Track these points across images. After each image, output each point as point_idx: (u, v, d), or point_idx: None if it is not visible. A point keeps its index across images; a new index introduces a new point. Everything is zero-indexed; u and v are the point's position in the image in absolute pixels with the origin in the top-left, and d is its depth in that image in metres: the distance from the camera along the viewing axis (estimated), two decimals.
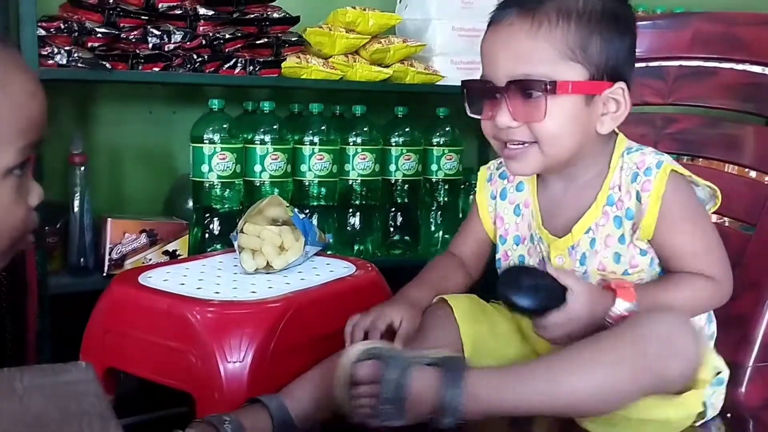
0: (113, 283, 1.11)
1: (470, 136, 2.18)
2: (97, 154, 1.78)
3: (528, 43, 0.85)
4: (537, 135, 0.87)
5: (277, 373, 0.99)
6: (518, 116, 0.87)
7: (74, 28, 1.48)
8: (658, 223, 0.88)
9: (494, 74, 0.88)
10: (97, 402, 0.43)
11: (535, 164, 0.90)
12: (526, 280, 0.88)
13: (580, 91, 0.86)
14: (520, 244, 1.01)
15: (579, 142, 0.89)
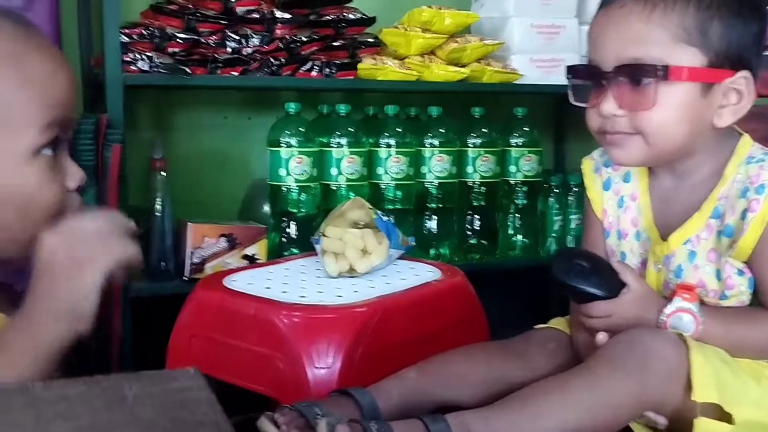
0: (198, 287, 1.10)
1: (549, 136, 2.12)
2: (176, 160, 1.80)
3: (640, 26, 0.80)
4: (642, 126, 0.82)
5: (364, 378, 0.96)
6: (624, 104, 0.82)
7: (155, 34, 1.49)
8: (756, 248, 0.81)
9: (602, 58, 0.83)
10: (211, 412, 0.40)
11: (638, 155, 0.85)
12: (583, 263, 0.86)
13: (696, 78, 0.80)
14: (623, 240, 0.95)
15: (689, 135, 0.83)
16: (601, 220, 0.98)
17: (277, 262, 1.25)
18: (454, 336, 1.06)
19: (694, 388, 0.76)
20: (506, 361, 0.92)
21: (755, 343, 0.83)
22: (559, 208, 1.89)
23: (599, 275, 0.86)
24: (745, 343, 0.82)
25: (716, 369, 0.78)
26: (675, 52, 0.80)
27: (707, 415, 0.77)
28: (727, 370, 0.79)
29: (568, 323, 0.99)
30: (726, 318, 0.84)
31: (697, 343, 0.79)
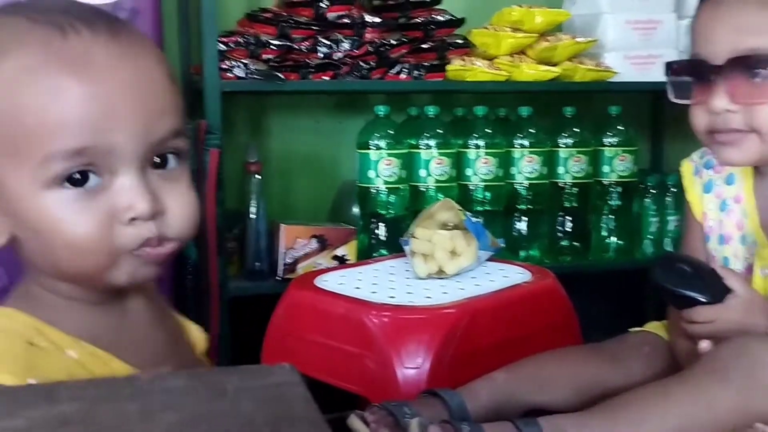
0: (291, 287, 1.13)
1: (646, 135, 2.05)
2: (270, 163, 1.85)
3: (757, 14, 0.77)
4: (759, 122, 0.78)
5: (453, 379, 0.96)
6: (739, 98, 0.78)
7: (251, 41, 1.54)
8: None
9: (711, 52, 0.79)
10: (306, 407, 0.42)
11: (753, 154, 0.81)
12: (685, 268, 0.83)
13: None
14: (725, 245, 0.91)
15: None
16: (701, 223, 0.94)
17: (366, 263, 1.27)
18: (545, 339, 1.04)
19: None
20: (599, 364, 0.90)
21: None
22: (656, 209, 1.82)
23: (702, 280, 0.83)
24: None
25: None
26: None
27: None
28: None
29: (666, 327, 0.95)
30: None
31: None
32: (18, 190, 0.56)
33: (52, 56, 0.55)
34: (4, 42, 0.56)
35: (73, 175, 0.55)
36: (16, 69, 0.55)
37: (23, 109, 0.55)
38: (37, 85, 0.55)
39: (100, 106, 0.55)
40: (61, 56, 0.55)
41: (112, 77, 0.56)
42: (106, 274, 0.57)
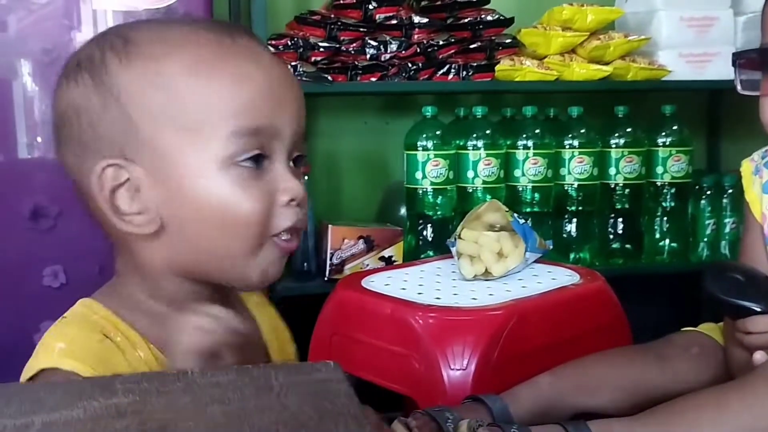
0: (338, 287, 1.14)
1: (699, 135, 2.00)
2: (319, 164, 1.87)
3: None
4: None
5: (499, 381, 0.95)
6: None
7: (299, 44, 1.56)
8: None
9: None
10: (349, 402, 0.42)
11: None
12: (737, 276, 0.82)
13: None
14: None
15: None
16: (760, 224, 0.92)
17: (413, 264, 1.27)
18: (594, 342, 1.02)
19: None
20: (646, 364, 0.88)
21: None
22: (712, 211, 1.77)
23: (756, 288, 0.81)
24: None
25: None
26: None
27: None
28: None
29: (721, 330, 0.93)
30: None
31: None
32: (195, 169, 0.59)
33: (228, 50, 0.61)
34: (177, 39, 0.62)
35: (247, 155, 0.60)
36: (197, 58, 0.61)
37: (209, 91, 0.60)
38: (222, 71, 0.60)
39: (273, 92, 0.61)
40: (236, 51, 0.62)
41: (277, 71, 0.63)
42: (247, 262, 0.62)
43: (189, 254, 0.62)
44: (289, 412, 0.42)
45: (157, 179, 0.60)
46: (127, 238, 0.62)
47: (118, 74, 0.60)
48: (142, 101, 0.60)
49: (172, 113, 0.60)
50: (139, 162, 0.60)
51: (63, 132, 0.63)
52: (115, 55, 0.61)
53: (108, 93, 0.60)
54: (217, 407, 0.42)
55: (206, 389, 0.45)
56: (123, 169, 0.60)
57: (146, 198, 0.60)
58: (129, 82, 0.60)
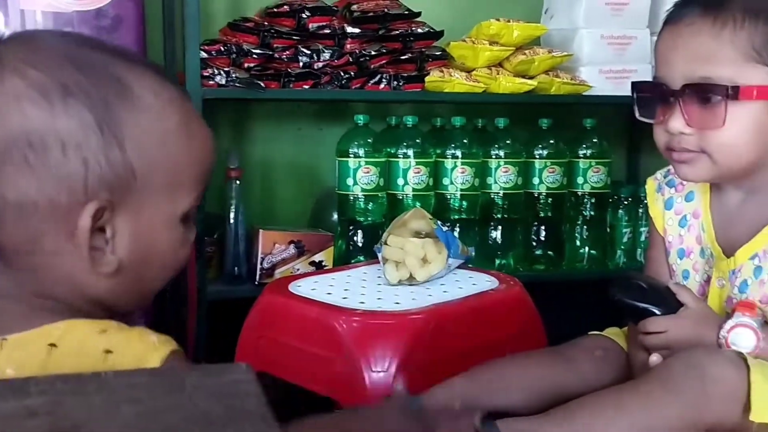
0: (265, 291, 1.16)
1: (619, 147, 2.09)
2: (252, 169, 1.88)
3: (710, 44, 0.80)
4: (710, 144, 0.82)
5: (419, 384, 0.99)
6: (693, 122, 0.82)
7: (232, 50, 1.58)
8: None
9: (669, 76, 0.83)
10: (258, 402, 0.45)
11: (705, 173, 0.85)
12: (641, 284, 0.88)
13: (766, 96, 0.80)
14: (684, 258, 0.95)
15: (757, 153, 0.83)
16: (663, 237, 0.98)
17: (340, 269, 1.30)
18: (511, 345, 1.07)
19: (752, 409, 0.76)
20: (555, 367, 0.94)
21: None
22: (629, 220, 1.86)
23: (657, 295, 0.88)
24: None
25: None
26: (745, 70, 0.80)
27: None
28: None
29: (624, 335, 0.99)
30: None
31: (757, 361, 0.79)
32: (162, 222, 0.66)
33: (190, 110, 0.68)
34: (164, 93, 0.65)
35: (192, 211, 0.68)
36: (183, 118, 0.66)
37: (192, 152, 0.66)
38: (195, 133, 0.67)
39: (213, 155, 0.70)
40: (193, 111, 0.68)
41: None
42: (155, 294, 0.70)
43: (125, 289, 0.66)
44: (199, 410, 0.44)
45: (134, 226, 0.64)
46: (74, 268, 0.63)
47: (126, 123, 0.62)
48: (147, 154, 0.63)
49: (165, 170, 0.64)
50: (124, 208, 0.63)
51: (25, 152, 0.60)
52: (121, 102, 0.62)
53: (113, 137, 0.61)
54: (130, 407, 0.44)
55: (120, 390, 0.47)
56: (109, 211, 0.62)
57: (119, 241, 0.64)
58: (136, 134, 0.62)
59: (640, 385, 0.81)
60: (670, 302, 0.87)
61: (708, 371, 0.77)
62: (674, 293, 0.87)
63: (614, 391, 0.81)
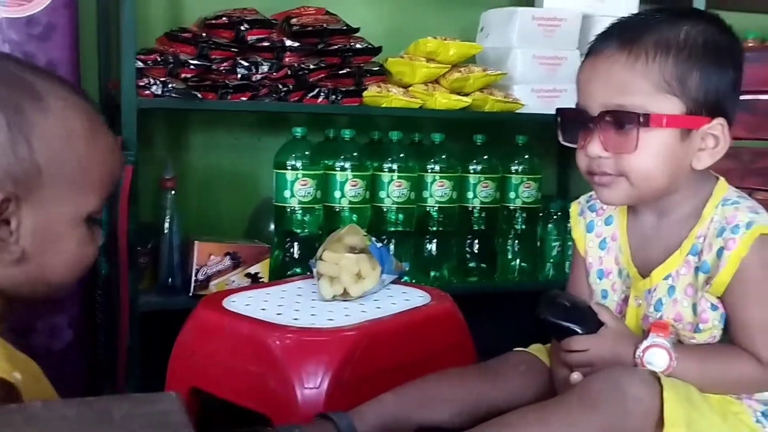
0: (199, 306, 1.16)
1: (549, 164, 2.16)
2: (187, 179, 1.87)
3: (624, 75, 0.86)
4: (626, 168, 0.87)
5: (351, 400, 1.00)
6: (609, 147, 0.87)
7: (169, 60, 1.57)
8: (730, 284, 0.86)
9: (589, 103, 0.88)
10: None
11: (624, 196, 0.90)
12: (565, 303, 0.92)
13: (675, 125, 0.86)
14: (604, 279, 1.00)
15: (670, 176, 0.88)
16: (584, 258, 1.03)
17: (275, 284, 1.31)
18: (442, 361, 1.10)
19: (665, 425, 0.80)
20: (482, 382, 0.97)
21: (725, 378, 0.87)
22: (558, 234, 1.93)
23: (579, 314, 0.92)
24: (716, 379, 0.87)
25: (686, 406, 0.82)
26: (656, 100, 0.85)
27: None
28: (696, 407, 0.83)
29: (547, 351, 1.03)
30: (698, 354, 0.88)
31: (670, 380, 0.84)
32: (68, 219, 0.73)
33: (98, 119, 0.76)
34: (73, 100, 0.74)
35: (99, 213, 0.75)
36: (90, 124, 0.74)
37: (98, 157, 0.74)
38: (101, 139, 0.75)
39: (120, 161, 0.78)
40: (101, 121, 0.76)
41: None
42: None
43: (28, 278, 0.72)
44: None
45: (38, 220, 0.70)
46: None
47: (37, 123, 0.69)
48: (53, 154, 0.70)
49: (70, 169, 0.71)
50: (29, 201, 0.70)
51: None
52: (31, 105, 0.70)
53: (21, 135, 0.69)
54: None
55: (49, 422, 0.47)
56: (14, 204, 0.68)
57: (23, 232, 0.70)
58: (44, 134, 0.70)
59: (562, 402, 0.84)
60: (591, 321, 0.91)
61: (625, 389, 0.81)
62: (596, 313, 0.92)
63: (538, 407, 0.85)
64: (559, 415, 0.82)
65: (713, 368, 0.87)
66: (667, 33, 0.86)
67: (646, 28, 0.86)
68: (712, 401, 0.86)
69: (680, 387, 0.84)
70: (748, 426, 0.86)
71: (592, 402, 0.81)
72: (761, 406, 0.88)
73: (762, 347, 0.85)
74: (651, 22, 0.87)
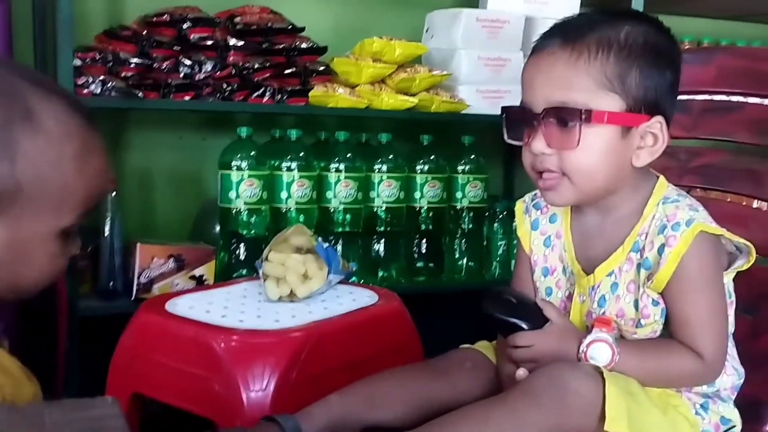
0: (141, 310, 1.13)
1: (495, 164, 2.19)
2: (129, 180, 1.82)
3: (566, 72, 0.87)
4: (568, 165, 0.88)
5: (298, 401, 0.99)
6: (552, 143, 0.88)
7: (109, 58, 1.53)
8: (670, 281, 0.87)
9: (532, 101, 0.89)
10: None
11: (569, 196, 0.91)
12: (511, 299, 0.93)
13: (615, 121, 0.87)
14: (549, 276, 1.01)
15: (612, 173, 0.89)
16: (528, 256, 1.04)
17: (220, 286, 1.29)
18: (389, 361, 1.09)
19: (607, 419, 0.82)
20: (428, 380, 0.97)
21: (665, 372, 0.89)
22: (504, 233, 1.95)
23: (525, 310, 0.92)
24: (657, 373, 0.89)
25: (627, 400, 0.84)
26: (598, 97, 0.86)
27: None
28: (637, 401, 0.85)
29: (493, 348, 1.04)
30: (640, 349, 0.90)
31: (612, 375, 0.85)
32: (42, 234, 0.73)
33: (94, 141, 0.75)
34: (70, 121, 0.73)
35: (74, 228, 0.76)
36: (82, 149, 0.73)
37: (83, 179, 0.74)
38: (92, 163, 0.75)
39: None
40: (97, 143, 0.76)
41: None
42: None
43: None
44: None
45: (11, 234, 0.71)
46: None
47: (23, 141, 0.69)
48: (37, 174, 0.70)
49: (55, 190, 0.72)
50: (5, 216, 0.70)
51: None
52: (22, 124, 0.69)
53: (4, 150, 0.69)
54: None
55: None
56: None
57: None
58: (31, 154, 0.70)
59: (506, 398, 0.85)
60: (537, 317, 0.92)
61: (569, 385, 0.82)
62: (541, 309, 0.93)
63: (482, 405, 0.86)
64: (502, 412, 0.83)
65: (654, 363, 0.89)
66: (609, 32, 0.87)
67: (588, 27, 0.88)
68: (653, 395, 0.88)
69: (622, 381, 0.85)
70: (687, 419, 0.88)
71: (534, 398, 0.82)
72: (700, 399, 0.90)
73: (701, 342, 0.87)
74: (594, 21, 0.89)
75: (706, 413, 0.90)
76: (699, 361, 0.86)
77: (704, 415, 0.90)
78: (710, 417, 0.90)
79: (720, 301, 0.88)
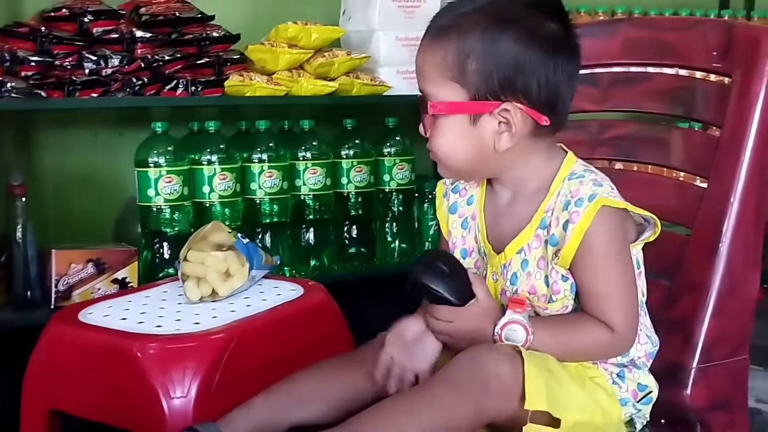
0: (52, 321, 1.08)
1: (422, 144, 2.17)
2: (41, 182, 1.74)
3: (422, 63, 0.90)
4: (432, 148, 0.91)
5: (223, 404, 0.97)
6: (425, 129, 0.92)
7: (5, 57, 1.45)
8: (576, 256, 0.88)
9: (418, 87, 0.92)
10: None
11: (446, 174, 0.95)
12: (443, 267, 0.91)
13: (459, 111, 0.88)
14: (467, 257, 1.01)
15: (473, 158, 0.90)
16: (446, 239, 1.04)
17: (139, 290, 1.24)
18: (317, 354, 1.07)
19: (526, 398, 0.82)
20: (353, 371, 0.95)
21: (579, 346, 0.90)
22: (434, 213, 1.94)
23: (455, 281, 0.91)
24: (572, 348, 0.89)
25: (546, 377, 0.84)
26: (444, 87, 0.88)
27: (538, 421, 0.83)
28: (555, 377, 0.85)
29: None
30: (553, 326, 0.90)
31: (530, 353, 0.85)
32: None
33: None
34: None
35: None
36: None
37: None
38: None
39: None
40: None
41: None
42: None
43: None
44: None
45: None
46: None
47: None
48: None
49: None
50: None
51: None
52: None
53: None
54: None
55: None
56: None
57: None
58: None
59: (429, 388, 0.84)
60: (464, 291, 0.90)
61: (486, 369, 0.82)
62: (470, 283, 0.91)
63: (406, 395, 0.85)
64: (426, 402, 0.82)
65: (568, 338, 0.89)
66: (457, 20, 0.88)
67: (443, 15, 0.90)
68: (570, 369, 0.89)
69: (540, 359, 0.86)
70: (604, 389, 0.90)
71: (455, 385, 0.82)
72: (617, 369, 0.92)
73: (611, 314, 0.88)
74: (452, 8, 0.90)
75: (622, 382, 0.91)
76: (611, 332, 0.87)
77: (621, 383, 0.91)
78: (627, 385, 0.91)
79: (627, 273, 0.89)
